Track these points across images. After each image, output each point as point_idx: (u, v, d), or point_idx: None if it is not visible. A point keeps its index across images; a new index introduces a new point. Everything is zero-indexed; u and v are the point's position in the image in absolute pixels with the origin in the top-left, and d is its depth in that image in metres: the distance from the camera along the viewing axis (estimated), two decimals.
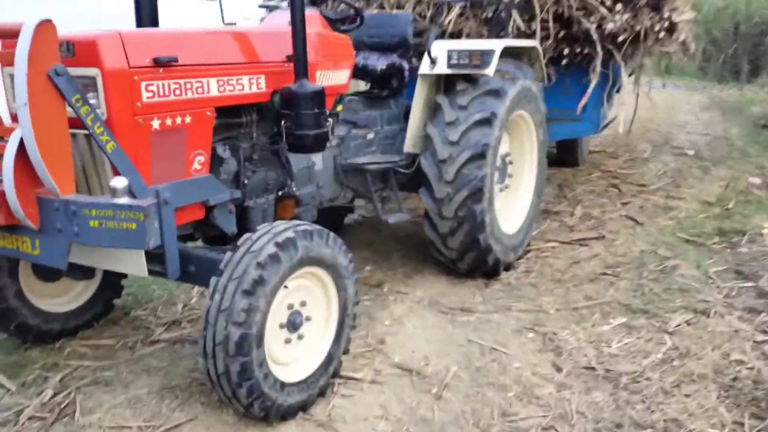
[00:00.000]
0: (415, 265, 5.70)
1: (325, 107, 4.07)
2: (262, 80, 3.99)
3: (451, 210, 4.94)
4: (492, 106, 4.92)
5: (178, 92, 3.46)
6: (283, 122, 4.03)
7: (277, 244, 3.23)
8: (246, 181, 4.11)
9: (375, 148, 5.42)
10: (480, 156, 4.87)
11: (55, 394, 3.79)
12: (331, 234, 3.56)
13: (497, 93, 4.97)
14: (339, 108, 4.92)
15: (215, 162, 3.86)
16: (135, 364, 4.13)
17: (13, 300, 4.18)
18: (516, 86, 5.14)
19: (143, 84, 3.27)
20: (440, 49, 5.01)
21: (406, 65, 5.58)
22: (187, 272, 3.61)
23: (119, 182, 2.98)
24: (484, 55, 4.87)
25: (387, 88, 5.63)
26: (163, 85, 3.38)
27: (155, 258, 3.46)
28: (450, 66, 4.97)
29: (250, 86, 3.91)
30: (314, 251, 3.41)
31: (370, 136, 5.36)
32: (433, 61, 5.03)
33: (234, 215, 4.00)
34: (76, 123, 3.05)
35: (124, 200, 2.96)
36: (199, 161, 3.68)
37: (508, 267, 5.51)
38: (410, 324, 4.61)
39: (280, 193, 4.40)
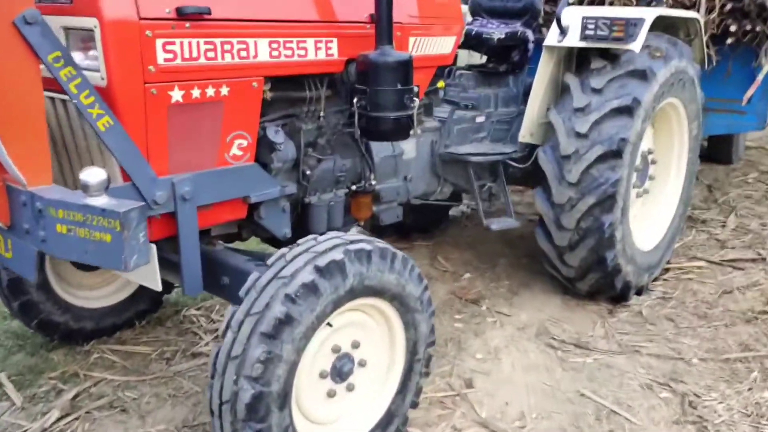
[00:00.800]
0: (524, 278, 4.75)
1: (412, 83, 3.14)
2: (334, 45, 3.09)
3: (573, 219, 3.96)
4: (635, 91, 3.93)
5: (211, 55, 2.61)
6: (355, 100, 3.14)
7: (318, 269, 2.35)
8: (308, 172, 3.25)
9: (485, 134, 4.47)
10: (615, 154, 3.87)
11: (60, 417, 3.19)
12: (399, 254, 2.64)
13: (643, 75, 3.96)
14: (440, 84, 4.01)
15: (264, 147, 3.00)
16: (164, 385, 3.44)
17: (36, 292, 3.61)
18: (668, 67, 4.09)
19: (159, 42, 2.44)
20: (573, 15, 4.02)
21: (531, 36, 4.59)
22: (219, 285, 2.85)
23: (92, 175, 2.13)
24: (630, 26, 3.85)
25: (506, 62, 4.67)
26: (189, 45, 2.53)
27: (178, 267, 2.69)
28: (584, 37, 3.98)
29: (317, 52, 3.02)
30: (372, 279, 2.52)
31: (480, 119, 4.41)
32: (563, 31, 4.06)
33: (288, 214, 3.17)
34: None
35: (99, 201, 2.12)
36: (240, 146, 2.84)
37: (641, 291, 4.49)
38: (508, 361, 3.69)
39: (354, 187, 3.53)
